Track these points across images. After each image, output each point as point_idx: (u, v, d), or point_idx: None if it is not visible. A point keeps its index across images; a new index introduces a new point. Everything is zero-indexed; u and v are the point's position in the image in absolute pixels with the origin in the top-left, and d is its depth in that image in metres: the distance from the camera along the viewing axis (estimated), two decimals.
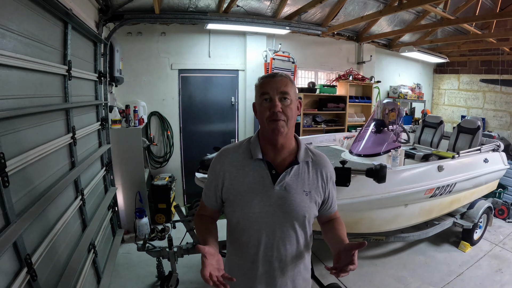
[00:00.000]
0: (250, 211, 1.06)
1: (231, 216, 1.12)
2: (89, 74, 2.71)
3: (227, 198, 1.11)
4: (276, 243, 1.07)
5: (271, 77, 1.08)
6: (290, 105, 1.06)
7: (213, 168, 1.14)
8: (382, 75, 5.92)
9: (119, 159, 3.46)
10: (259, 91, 1.08)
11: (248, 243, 1.09)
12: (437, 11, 3.77)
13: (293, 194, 1.07)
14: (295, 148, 1.14)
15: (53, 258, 1.74)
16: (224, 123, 4.66)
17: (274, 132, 1.04)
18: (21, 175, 1.46)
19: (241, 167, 1.10)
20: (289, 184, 1.08)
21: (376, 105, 3.60)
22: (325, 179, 1.15)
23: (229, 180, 1.09)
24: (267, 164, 1.09)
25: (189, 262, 2.97)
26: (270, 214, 1.06)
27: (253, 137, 1.16)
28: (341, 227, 1.19)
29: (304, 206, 1.08)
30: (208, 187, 1.16)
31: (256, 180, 1.08)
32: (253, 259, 1.09)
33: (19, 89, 1.53)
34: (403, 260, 3.21)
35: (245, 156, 1.11)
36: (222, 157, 1.14)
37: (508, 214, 4.15)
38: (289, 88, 1.06)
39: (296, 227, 1.09)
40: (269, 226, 1.07)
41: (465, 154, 3.16)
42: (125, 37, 3.90)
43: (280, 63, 4.50)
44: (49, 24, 1.91)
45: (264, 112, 1.05)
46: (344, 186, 2.21)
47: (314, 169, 1.13)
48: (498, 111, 5.94)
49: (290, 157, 1.11)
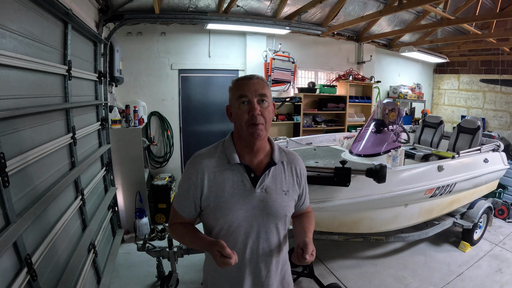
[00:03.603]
0: (234, 216, 1.05)
1: (213, 223, 1.09)
2: (89, 74, 2.71)
3: (207, 205, 1.08)
4: (261, 245, 1.09)
5: (248, 79, 1.06)
6: (268, 107, 1.05)
7: (189, 177, 1.09)
8: (382, 75, 5.92)
9: (119, 159, 3.46)
10: (235, 93, 1.05)
11: (233, 248, 1.04)
12: (437, 11, 3.77)
13: (274, 195, 1.08)
14: (269, 149, 1.14)
15: (53, 258, 1.74)
16: (224, 123, 4.65)
17: (253, 136, 1.03)
18: (21, 175, 1.46)
19: (219, 173, 1.07)
20: (269, 185, 1.08)
21: (376, 105, 3.60)
22: (299, 175, 1.17)
23: (207, 187, 1.06)
24: (245, 168, 1.08)
25: (189, 262, 2.97)
26: (254, 217, 1.07)
27: (226, 140, 1.13)
28: (309, 220, 1.23)
29: (284, 205, 1.10)
30: (184, 196, 1.11)
31: (237, 185, 1.06)
32: (240, 264, 1.07)
33: (19, 89, 1.53)
34: (403, 260, 3.21)
35: (222, 161, 1.08)
36: (197, 164, 1.08)
37: (508, 214, 4.15)
38: (266, 90, 1.05)
39: (278, 226, 1.11)
40: (253, 229, 1.07)
41: (465, 154, 3.16)
42: (125, 37, 3.90)
43: (280, 63, 4.51)
44: (49, 24, 1.91)
45: (243, 116, 1.03)
46: (344, 186, 2.21)
47: (289, 168, 1.15)
48: (498, 111, 5.94)
49: (266, 159, 1.12)
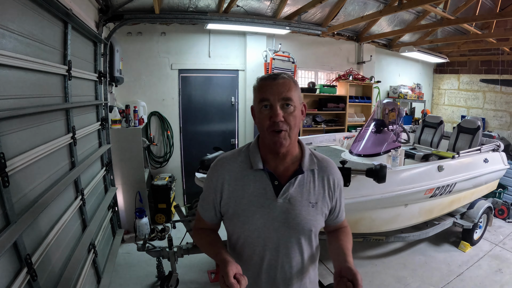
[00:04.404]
0: (252, 226, 0.97)
1: (231, 231, 1.03)
2: (89, 74, 2.71)
3: (226, 212, 1.02)
4: (281, 259, 0.99)
5: (271, 79, 0.95)
6: (293, 112, 0.94)
7: (210, 179, 1.03)
8: (382, 75, 5.92)
9: (119, 159, 3.46)
10: (257, 95, 0.96)
11: (250, 260, 1.00)
12: (437, 11, 3.77)
13: (298, 206, 0.97)
14: (299, 155, 1.03)
15: (53, 258, 1.74)
16: (224, 123, 4.64)
17: (275, 144, 0.93)
18: (21, 175, 1.46)
19: (240, 178, 1.00)
20: (294, 195, 0.98)
21: (376, 105, 3.60)
22: (332, 187, 1.04)
23: (227, 193, 1.00)
24: (269, 175, 0.99)
25: (189, 262, 2.97)
26: (273, 229, 0.97)
27: (252, 143, 1.05)
28: (347, 238, 1.10)
29: (310, 219, 0.98)
30: (206, 200, 1.06)
31: (258, 193, 0.98)
32: (256, 276, 1.00)
33: (19, 89, 1.53)
34: (403, 260, 3.21)
35: (245, 166, 1.01)
36: (219, 167, 1.03)
37: (508, 214, 4.15)
38: (292, 93, 0.93)
39: (301, 242, 0.99)
40: (272, 242, 0.98)
41: (465, 154, 3.16)
42: (125, 37, 3.90)
43: (280, 63, 4.50)
44: (49, 24, 1.91)
45: (264, 121, 0.94)
46: (344, 186, 2.21)
47: (320, 177, 1.03)
48: (498, 111, 5.93)
49: (294, 166, 1.01)
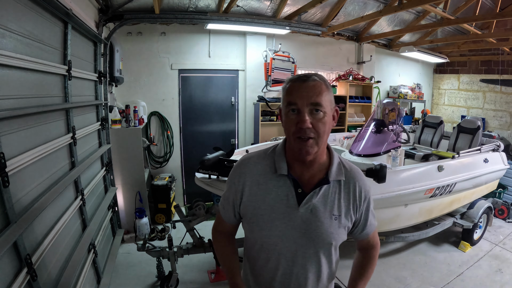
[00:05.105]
0: (270, 233, 0.94)
1: (249, 235, 1.01)
2: (89, 74, 2.71)
3: (245, 214, 0.99)
4: (296, 270, 0.95)
5: (301, 81, 0.87)
6: (323, 118, 0.87)
7: (232, 179, 1.00)
8: (382, 75, 5.92)
9: (119, 159, 3.46)
10: (285, 98, 0.89)
11: (265, 267, 0.98)
12: (437, 11, 3.77)
13: (320, 218, 0.92)
14: (327, 163, 0.96)
15: (53, 258, 1.74)
16: (224, 123, 4.64)
17: (301, 152, 0.88)
18: (21, 175, 1.46)
19: (262, 182, 0.95)
20: (316, 206, 0.92)
21: (376, 105, 3.60)
22: (357, 199, 0.98)
23: (248, 196, 0.96)
24: (293, 181, 0.94)
25: (189, 262, 2.97)
26: (292, 239, 0.93)
27: (278, 146, 0.99)
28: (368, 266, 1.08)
29: (331, 232, 0.94)
30: (226, 200, 1.04)
31: (279, 199, 0.93)
32: (269, 282, 0.98)
33: (19, 89, 1.53)
34: (403, 260, 3.21)
35: (269, 170, 0.96)
36: (242, 168, 0.99)
37: (508, 214, 4.15)
38: (323, 97, 0.86)
39: (320, 255, 0.95)
40: (289, 251, 0.94)
41: (465, 154, 3.16)
42: (125, 37, 3.90)
43: (280, 63, 4.51)
44: (49, 24, 1.91)
45: (290, 126, 0.88)
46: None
47: (346, 188, 0.97)
48: (498, 111, 5.93)
49: (320, 174, 0.95)
